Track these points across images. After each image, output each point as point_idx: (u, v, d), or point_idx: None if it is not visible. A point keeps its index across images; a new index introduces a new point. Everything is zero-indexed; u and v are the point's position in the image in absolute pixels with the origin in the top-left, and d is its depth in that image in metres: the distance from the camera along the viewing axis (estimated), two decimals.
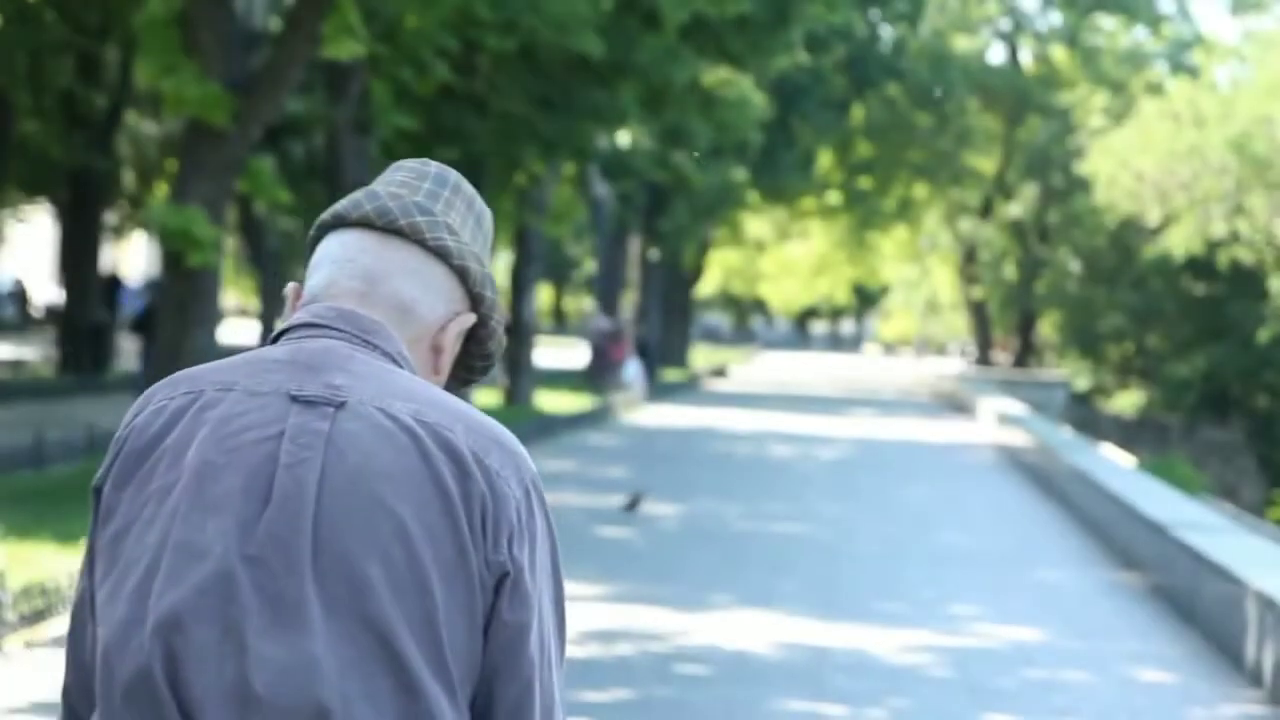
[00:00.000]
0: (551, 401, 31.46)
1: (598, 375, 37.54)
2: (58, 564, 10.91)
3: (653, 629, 10.73)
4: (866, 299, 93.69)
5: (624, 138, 35.20)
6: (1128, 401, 51.94)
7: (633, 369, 36.90)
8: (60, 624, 9.89)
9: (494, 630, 2.20)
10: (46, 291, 52.63)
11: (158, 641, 2.15)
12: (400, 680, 2.15)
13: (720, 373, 54.12)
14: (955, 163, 56.20)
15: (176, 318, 15.51)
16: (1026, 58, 59.59)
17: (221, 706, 2.13)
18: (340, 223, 2.37)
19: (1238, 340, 46.75)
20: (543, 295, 72.96)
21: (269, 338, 2.35)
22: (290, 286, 2.39)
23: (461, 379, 2.45)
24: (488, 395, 31.50)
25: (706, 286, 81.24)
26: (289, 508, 2.17)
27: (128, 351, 37.20)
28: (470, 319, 2.38)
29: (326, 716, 2.13)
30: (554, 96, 24.08)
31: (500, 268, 47.12)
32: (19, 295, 53.51)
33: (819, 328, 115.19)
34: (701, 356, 64.25)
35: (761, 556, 14.36)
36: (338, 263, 2.35)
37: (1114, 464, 20.60)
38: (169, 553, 2.18)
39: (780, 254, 73.22)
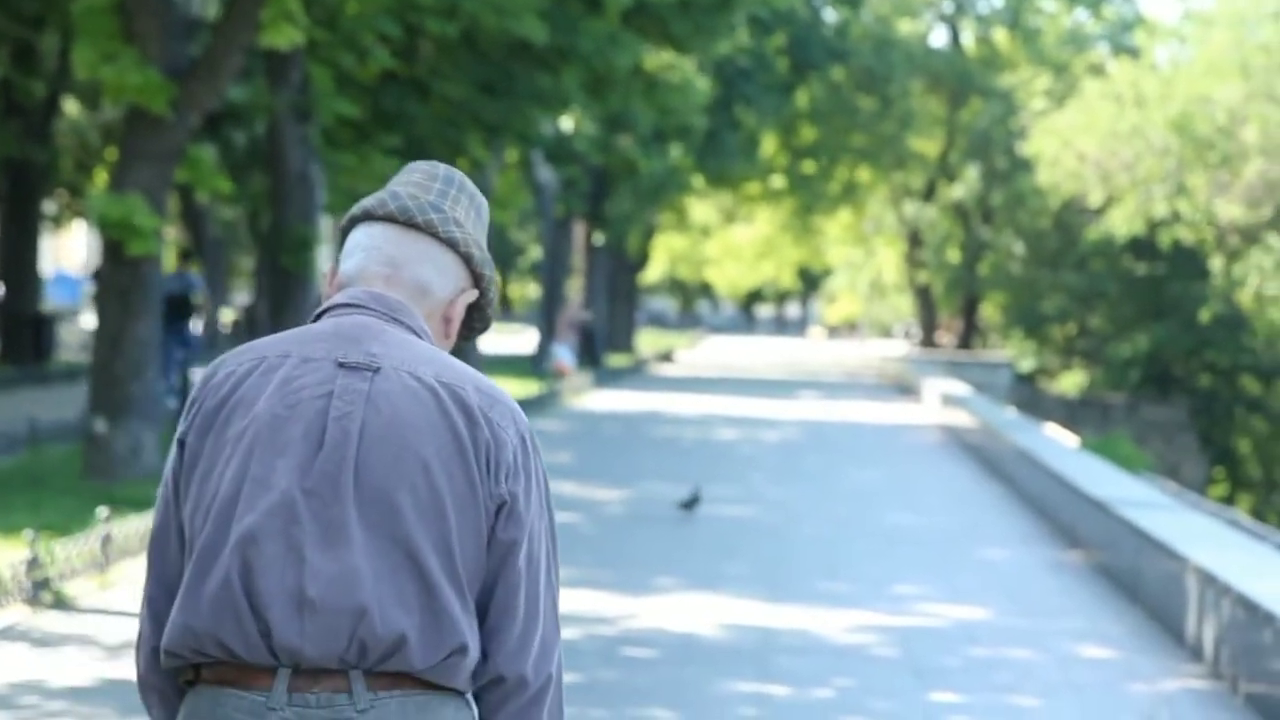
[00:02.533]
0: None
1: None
2: (0, 556, 10.83)
3: (599, 612, 10.74)
4: (812, 282, 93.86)
5: (567, 122, 35.15)
6: (1071, 382, 52.22)
7: (560, 352, 36.92)
8: (7, 615, 9.84)
9: (493, 546, 2.79)
10: None
11: (236, 555, 2.73)
12: (423, 585, 2.74)
13: (666, 357, 54.15)
14: (899, 146, 56.29)
15: (117, 307, 15.41)
16: (969, 40, 59.77)
17: (284, 607, 2.71)
18: (368, 217, 2.95)
19: (1180, 320, 47.05)
20: None
21: (313, 315, 2.92)
22: (327, 267, 2.99)
23: (464, 337, 3.05)
24: None
25: (652, 273, 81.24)
26: (337, 451, 2.76)
27: (68, 343, 36.95)
28: (474, 294, 2.99)
29: (365, 614, 2.71)
30: (496, 81, 24.01)
31: None
32: None
33: (765, 311, 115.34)
34: (647, 341, 64.27)
35: (707, 539, 14.39)
36: (367, 251, 2.93)
37: (1058, 443, 20.71)
38: (247, 485, 2.76)
39: (725, 238, 73.24)
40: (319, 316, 2.91)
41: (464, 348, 30.51)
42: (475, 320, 3.02)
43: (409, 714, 2.74)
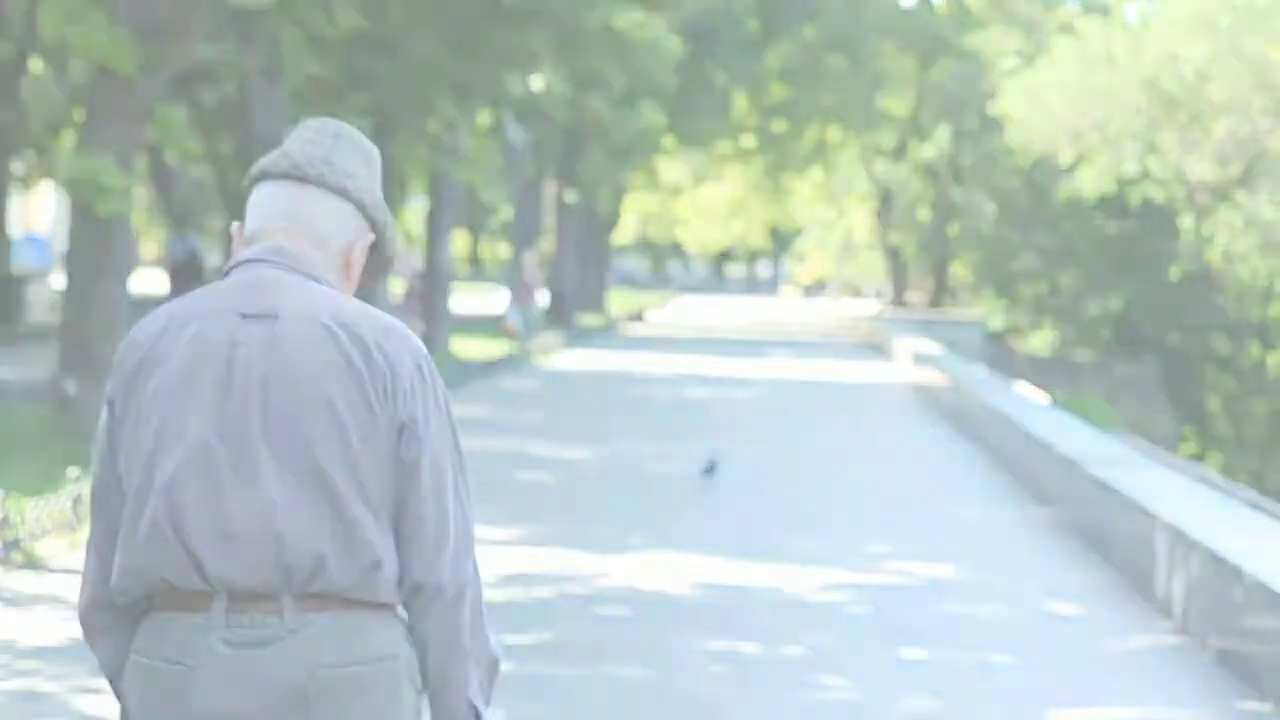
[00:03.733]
0: (468, 347, 31.40)
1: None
2: None
3: (571, 571, 10.76)
4: (783, 242, 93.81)
5: (538, 82, 35.03)
6: (1042, 340, 52.32)
7: (510, 314, 36.91)
8: None
9: (399, 466, 3.05)
10: None
11: (161, 498, 3.00)
12: (335, 509, 3.00)
13: (637, 317, 54.14)
14: (870, 105, 56.21)
15: (87, 268, 15.34)
16: None
17: (209, 541, 2.98)
18: (265, 176, 3.19)
19: (1150, 278, 47.13)
20: (459, 242, 72.59)
21: (222, 271, 3.16)
22: (234, 226, 3.20)
23: (370, 277, 3.29)
24: None
25: (623, 233, 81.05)
26: (244, 394, 3.01)
27: (36, 303, 36.79)
28: (370, 237, 3.22)
29: (283, 540, 2.97)
30: (466, 40, 23.91)
31: (415, 215, 47.00)
32: None
33: (735, 271, 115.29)
34: (618, 301, 64.24)
35: (679, 498, 14.41)
36: (266, 208, 3.16)
37: (1028, 401, 20.77)
38: (167, 434, 3.02)
39: (696, 198, 73.15)
40: (227, 273, 3.14)
41: (433, 304, 30.51)
42: (377, 262, 3.28)
43: (337, 631, 3.00)
